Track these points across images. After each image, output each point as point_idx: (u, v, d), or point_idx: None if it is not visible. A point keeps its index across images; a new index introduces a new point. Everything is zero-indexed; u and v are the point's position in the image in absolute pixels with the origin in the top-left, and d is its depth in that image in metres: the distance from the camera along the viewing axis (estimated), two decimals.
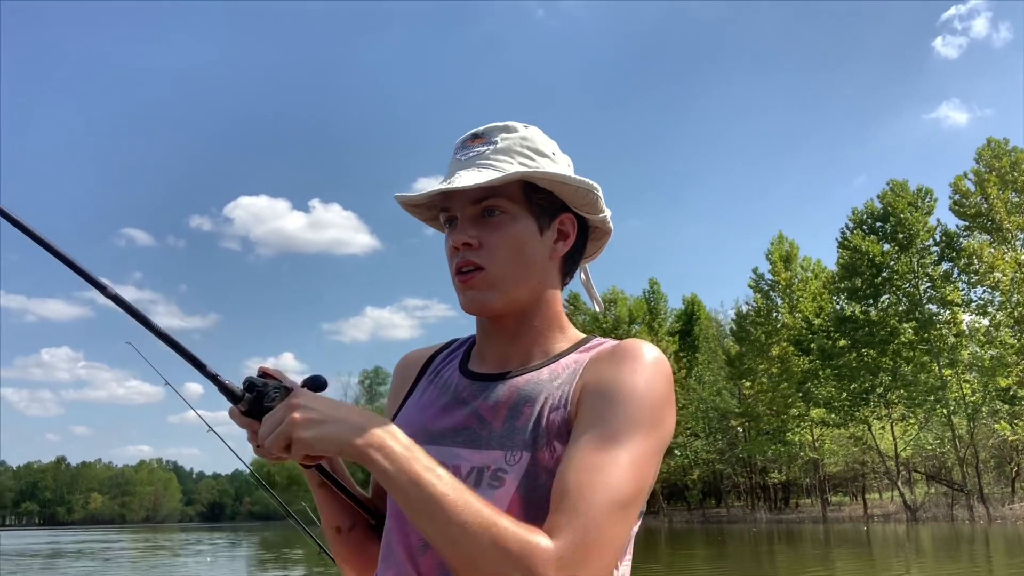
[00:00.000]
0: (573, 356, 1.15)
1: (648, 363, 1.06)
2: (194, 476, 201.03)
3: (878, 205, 40.89)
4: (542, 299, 1.18)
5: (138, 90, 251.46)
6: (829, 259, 42.77)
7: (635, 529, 1.09)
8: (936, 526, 34.88)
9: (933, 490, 46.44)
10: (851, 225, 41.89)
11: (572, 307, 68.24)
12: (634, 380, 1.04)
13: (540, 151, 1.17)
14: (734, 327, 53.93)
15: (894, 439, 42.29)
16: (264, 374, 1.08)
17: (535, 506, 1.01)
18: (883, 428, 43.05)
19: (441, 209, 1.18)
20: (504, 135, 1.17)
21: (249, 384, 1.06)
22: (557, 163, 1.18)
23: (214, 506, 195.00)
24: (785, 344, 46.11)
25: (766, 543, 29.30)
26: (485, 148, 1.16)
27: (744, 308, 52.23)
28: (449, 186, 1.10)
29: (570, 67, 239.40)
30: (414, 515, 0.93)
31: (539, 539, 0.90)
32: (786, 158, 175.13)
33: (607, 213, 1.22)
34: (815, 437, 45.75)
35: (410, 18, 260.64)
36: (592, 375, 1.09)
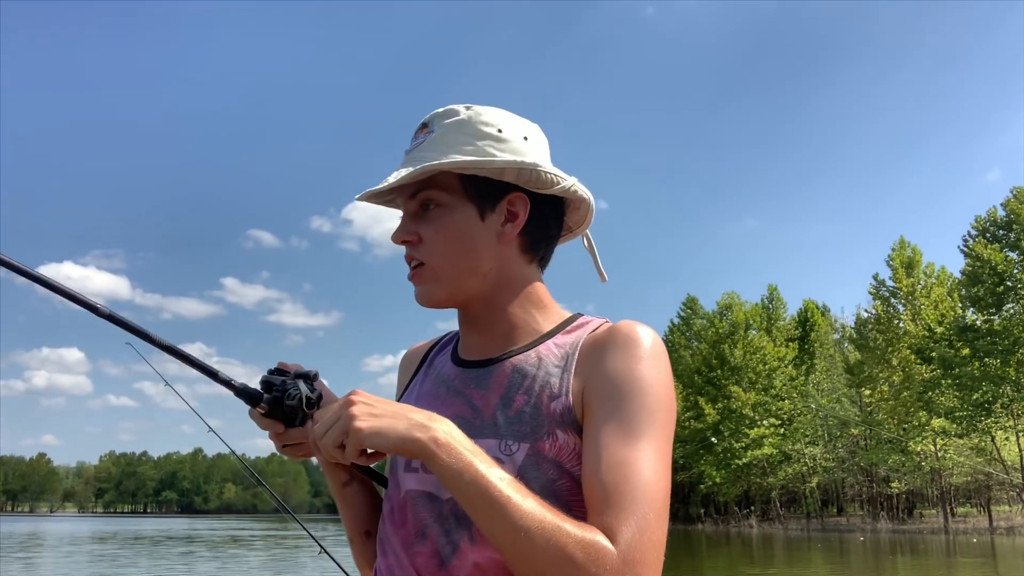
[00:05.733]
0: (558, 338, 1.14)
1: (650, 349, 1.05)
2: (320, 469, 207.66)
3: (1001, 213, 40.15)
4: (505, 281, 1.15)
5: (255, 95, 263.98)
6: (958, 259, 41.93)
7: None
8: None
9: None
10: (974, 232, 41.25)
11: (690, 310, 68.65)
12: (642, 370, 1.03)
13: (479, 132, 1.12)
14: (854, 334, 53.53)
15: (1020, 450, 41.49)
16: (281, 370, 1.06)
17: (537, 495, 0.94)
18: (1007, 439, 42.27)
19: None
20: (443, 121, 1.14)
21: (267, 384, 1.05)
22: (505, 140, 1.13)
23: None
24: (907, 352, 45.66)
25: (878, 552, 29.51)
26: (424, 138, 1.14)
27: (864, 315, 51.84)
28: (361, 195, 1.13)
29: (682, 65, 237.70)
30: (475, 515, 0.92)
31: (603, 542, 0.89)
32: (910, 155, 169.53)
33: (567, 183, 1.15)
34: (937, 447, 45.20)
35: (517, 18, 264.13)
36: (594, 365, 1.07)
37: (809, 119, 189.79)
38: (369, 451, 0.98)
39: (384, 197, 1.18)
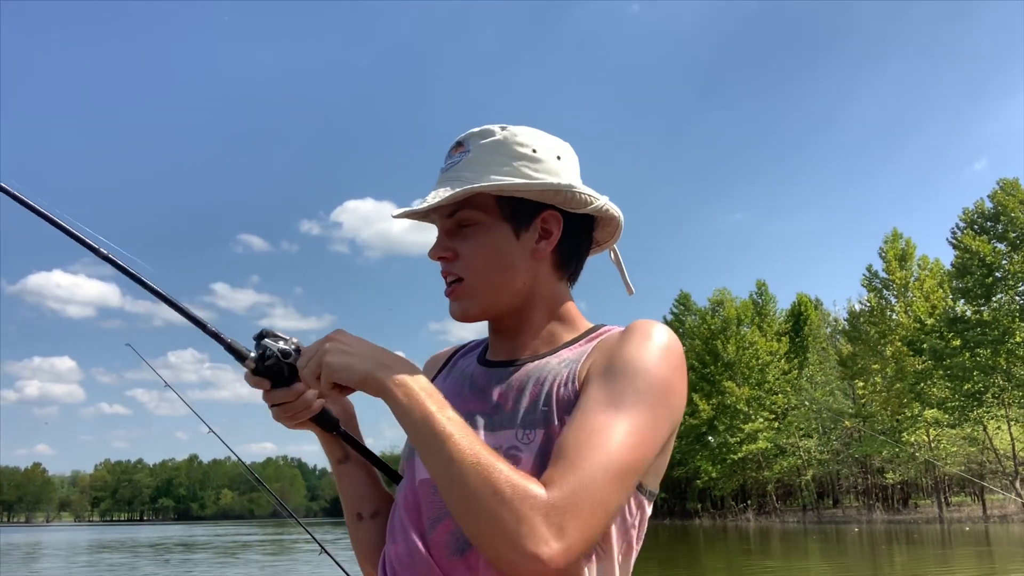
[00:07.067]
0: (581, 344, 1.18)
1: (657, 341, 1.09)
2: (317, 472, 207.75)
3: (988, 205, 40.43)
4: (537, 296, 1.20)
5: (241, 100, 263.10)
6: (946, 248, 41.96)
7: (647, 513, 1.12)
8: None
9: None
10: (962, 225, 41.54)
11: (683, 307, 68.97)
12: (641, 354, 1.07)
13: (515, 153, 1.17)
14: (846, 327, 53.76)
15: (1011, 439, 41.76)
16: (267, 334, 1.13)
17: None
18: (999, 428, 42.54)
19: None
20: (479, 141, 1.18)
21: (256, 344, 1.12)
22: (540, 160, 1.18)
23: (336, 501, 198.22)
24: (899, 344, 45.86)
25: (874, 543, 29.63)
26: (460, 158, 1.18)
27: (857, 307, 52.06)
28: (399, 212, 1.21)
29: (667, 61, 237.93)
30: (420, 451, 0.99)
31: (533, 486, 0.93)
32: (898, 147, 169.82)
33: (599, 202, 1.19)
34: (931, 437, 45.43)
35: (504, 17, 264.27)
36: (601, 352, 1.12)
37: (796, 113, 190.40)
38: (342, 385, 1.08)
39: (419, 214, 1.22)
